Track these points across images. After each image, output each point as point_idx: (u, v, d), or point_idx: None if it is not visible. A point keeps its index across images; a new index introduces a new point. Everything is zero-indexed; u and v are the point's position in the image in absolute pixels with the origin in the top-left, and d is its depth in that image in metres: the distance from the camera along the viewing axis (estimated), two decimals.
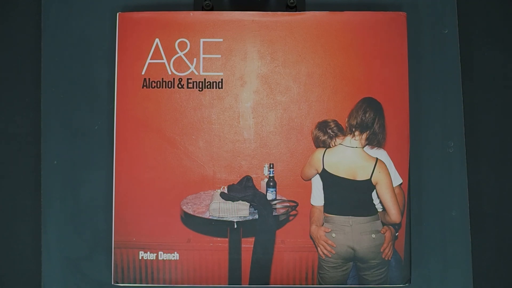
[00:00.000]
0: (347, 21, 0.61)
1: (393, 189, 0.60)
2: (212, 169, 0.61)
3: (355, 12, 0.61)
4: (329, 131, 0.60)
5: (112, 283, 0.60)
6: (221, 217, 0.60)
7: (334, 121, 0.60)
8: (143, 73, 0.61)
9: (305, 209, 0.60)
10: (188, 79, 0.61)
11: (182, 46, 0.61)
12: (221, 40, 0.61)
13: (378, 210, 0.60)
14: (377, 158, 0.60)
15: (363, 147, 0.60)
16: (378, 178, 0.60)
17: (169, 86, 0.61)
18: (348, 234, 0.60)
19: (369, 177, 0.60)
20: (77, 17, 0.65)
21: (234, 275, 0.60)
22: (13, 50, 0.67)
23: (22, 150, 0.66)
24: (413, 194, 0.63)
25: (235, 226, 0.60)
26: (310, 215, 0.60)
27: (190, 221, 0.60)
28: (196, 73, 0.61)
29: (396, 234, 0.60)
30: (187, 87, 0.61)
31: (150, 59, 0.61)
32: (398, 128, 0.61)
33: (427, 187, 0.64)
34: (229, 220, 0.60)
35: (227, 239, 0.60)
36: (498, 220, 0.66)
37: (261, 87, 0.61)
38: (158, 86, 0.61)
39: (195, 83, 0.61)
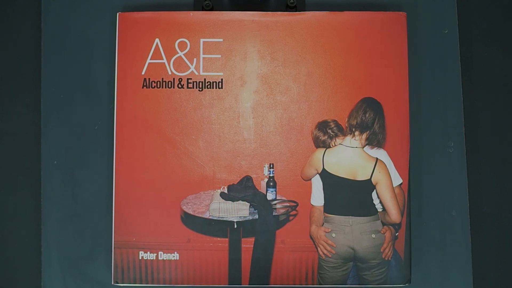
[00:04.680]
0: (347, 21, 0.61)
1: (393, 189, 0.60)
2: (212, 169, 0.61)
3: (355, 12, 0.61)
4: (329, 131, 0.60)
5: (112, 283, 0.60)
6: (221, 217, 0.60)
7: (334, 121, 0.60)
8: (143, 73, 0.61)
9: (305, 209, 0.60)
10: (188, 79, 0.61)
11: (182, 46, 0.61)
12: (221, 40, 0.61)
13: (378, 210, 0.60)
14: (377, 158, 0.60)
15: (363, 147, 0.60)
16: (378, 178, 0.60)
17: (169, 86, 0.61)
18: (348, 234, 0.60)
19: (369, 177, 0.60)
20: (77, 17, 0.65)
21: (234, 275, 0.60)
22: (13, 50, 0.67)
23: (22, 150, 0.66)
24: (413, 194, 0.63)
25: (235, 226, 0.60)
26: (310, 215, 0.60)
27: (190, 221, 0.60)
28: (196, 73, 0.61)
29: (396, 234, 0.60)
30: (187, 87, 0.61)
31: (150, 59, 0.61)
32: (398, 128, 0.61)
33: (427, 187, 0.64)
34: (229, 220, 0.60)
35: (227, 239, 0.60)
36: (498, 220, 0.66)
37: (261, 87, 0.61)
38: (158, 86, 0.61)
39: (195, 83, 0.61)
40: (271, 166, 0.61)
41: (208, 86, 0.61)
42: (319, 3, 0.65)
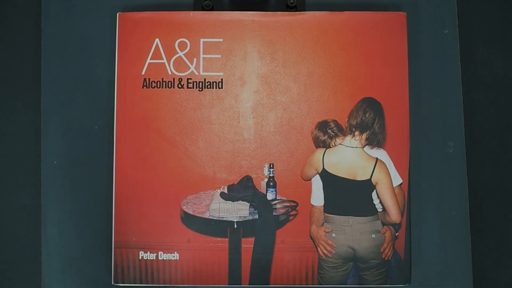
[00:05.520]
0: (347, 21, 0.61)
1: (393, 189, 0.60)
2: (212, 169, 0.61)
3: (355, 12, 0.61)
4: (329, 131, 0.60)
5: (112, 283, 0.60)
6: (221, 217, 0.60)
7: (334, 121, 0.60)
8: (143, 73, 0.61)
9: (305, 209, 0.60)
10: (188, 79, 0.61)
11: (182, 46, 0.61)
12: (221, 40, 0.61)
13: (378, 210, 0.60)
14: (377, 158, 0.60)
15: (363, 147, 0.60)
16: (378, 178, 0.60)
17: (169, 86, 0.61)
18: (348, 234, 0.60)
19: (369, 177, 0.60)
20: (77, 17, 0.65)
21: (234, 275, 0.60)
22: (13, 50, 0.67)
23: (22, 150, 0.66)
24: (413, 194, 0.63)
25: (235, 226, 0.60)
26: (310, 215, 0.60)
27: (190, 221, 0.60)
28: (196, 73, 0.61)
29: (396, 234, 0.60)
30: (187, 87, 0.61)
31: (150, 59, 0.61)
32: (398, 128, 0.61)
33: (427, 187, 0.64)
34: (229, 220, 0.60)
35: (227, 239, 0.60)
36: (498, 220, 0.66)
37: (261, 87, 0.61)
38: (158, 86, 0.61)
39: (195, 83, 0.61)
40: (271, 166, 0.61)
41: (208, 86, 0.61)
42: (319, 3, 0.65)
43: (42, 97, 0.64)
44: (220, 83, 0.61)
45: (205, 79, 0.61)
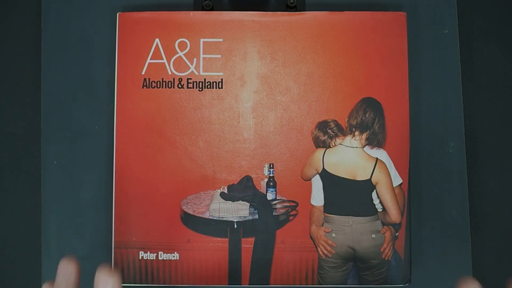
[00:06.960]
0: (347, 21, 0.61)
1: (393, 189, 0.60)
2: (212, 169, 0.61)
3: (355, 12, 0.61)
4: (329, 131, 0.60)
5: None
6: (221, 217, 0.60)
7: (334, 121, 0.60)
8: (143, 73, 0.61)
9: (305, 209, 0.60)
10: (188, 79, 0.61)
11: (182, 46, 0.61)
12: (221, 40, 0.61)
13: (378, 210, 0.60)
14: (377, 158, 0.60)
15: (363, 147, 0.60)
16: (378, 178, 0.60)
17: (169, 86, 0.61)
18: (348, 234, 0.60)
19: (369, 177, 0.60)
20: (77, 17, 0.65)
21: (234, 275, 0.60)
22: (13, 50, 0.67)
23: (22, 150, 0.66)
24: (413, 194, 0.63)
25: (235, 226, 0.60)
26: (310, 215, 0.60)
27: (190, 221, 0.60)
28: (196, 73, 0.61)
29: (396, 234, 0.60)
30: (187, 87, 0.61)
31: (150, 59, 0.61)
32: (398, 128, 0.61)
33: (427, 187, 0.64)
34: (229, 220, 0.60)
35: (227, 239, 0.60)
36: (498, 220, 0.66)
37: (261, 87, 0.61)
38: (158, 86, 0.61)
39: (195, 83, 0.61)
40: (271, 166, 0.61)
41: (208, 86, 0.61)
42: (319, 3, 0.65)
43: (42, 97, 0.64)
44: (220, 83, 0.61)
45: (205, 79, 0.61)
